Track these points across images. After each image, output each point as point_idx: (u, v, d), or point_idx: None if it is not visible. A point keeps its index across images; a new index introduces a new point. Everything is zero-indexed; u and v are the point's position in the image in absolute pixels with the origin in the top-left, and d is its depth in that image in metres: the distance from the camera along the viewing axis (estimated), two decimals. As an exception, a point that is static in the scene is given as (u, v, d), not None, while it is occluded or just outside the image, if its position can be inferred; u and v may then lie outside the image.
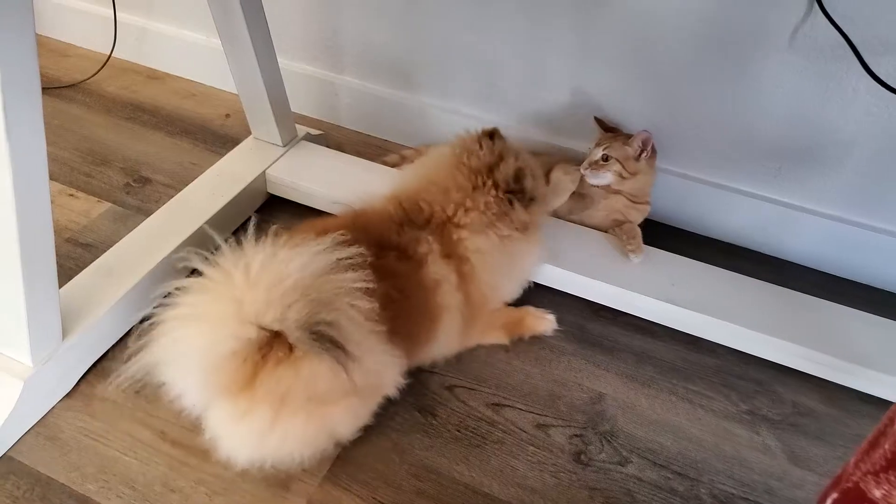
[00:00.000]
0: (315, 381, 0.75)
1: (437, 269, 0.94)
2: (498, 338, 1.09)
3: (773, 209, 1.26)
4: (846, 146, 1.15)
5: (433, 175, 1.02)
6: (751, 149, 1.23)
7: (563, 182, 1.20)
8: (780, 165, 1.22)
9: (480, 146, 1.02)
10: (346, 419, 0.86)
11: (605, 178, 1.19)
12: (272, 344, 0.74)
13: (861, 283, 1.27)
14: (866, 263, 1.25)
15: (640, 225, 1.22)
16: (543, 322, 1.11)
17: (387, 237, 0.94)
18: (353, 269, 0.78)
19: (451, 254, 0.97)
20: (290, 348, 0.75)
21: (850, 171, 1.18)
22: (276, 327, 0.73)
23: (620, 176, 1.19)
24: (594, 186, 1.21)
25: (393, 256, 0.91)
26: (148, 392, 0.96)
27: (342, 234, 0.82)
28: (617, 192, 1.21)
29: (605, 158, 1.19)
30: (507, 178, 0.99)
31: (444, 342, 0.99)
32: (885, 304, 1.22)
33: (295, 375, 0.74)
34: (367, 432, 0.92)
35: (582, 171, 1.20)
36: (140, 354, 0.77)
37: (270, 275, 0.74)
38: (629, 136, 1.20)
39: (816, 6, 1.01)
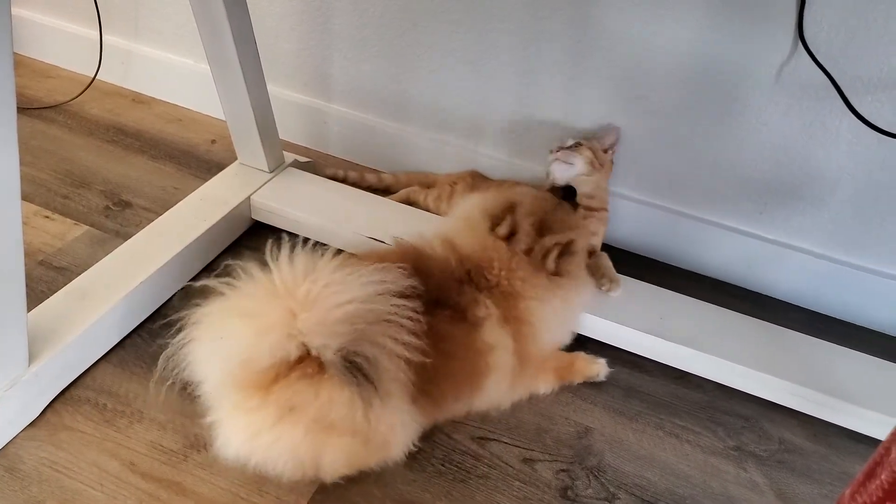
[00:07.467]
0: (330, 407, 0.76)
1: (494, 334, 0.92)
2: (548, 383, 1.05)
3: (757, 245, 1.27)
4: (829, 184, 1.17)
5: (476, 241, 0.98)
6: (736, 185, 1.24)
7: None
8: (766, 202, 1.23)
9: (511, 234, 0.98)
10: (339, 457, 0.82)
11: (576, 164, 1.20)
12: (302, 359, 0.75)
13: (843, 321, 1.27)
14: (848, 301, 1.26)
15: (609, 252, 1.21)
16: (595, 366, 1.08)
17: (446, 293, 0.91)
18: (404, 303, 0.79)
19: (511, 319, 0.94)
20: (320, 367, 0.75)
21: (832, 209, 1.19)
22: (318, 352, 0.75)
23: (591, 165, 1.20)
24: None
25: (447, 316, 0.89)
26: (121, 422, 0.93)
27: (402, 268, 0.83)
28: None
29: (577, 144, 1.21)
30: (543, 251, 0.97)
31: (492, 396, 0.97)
32: (866, 341, 1.22)
33: (314, 394, 0.76)
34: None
35: (552, 158, 1.21)
36: (182, 337, 0.79)
37: (330, 297, 0.75)
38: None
39: (801, 45, 1.04)
